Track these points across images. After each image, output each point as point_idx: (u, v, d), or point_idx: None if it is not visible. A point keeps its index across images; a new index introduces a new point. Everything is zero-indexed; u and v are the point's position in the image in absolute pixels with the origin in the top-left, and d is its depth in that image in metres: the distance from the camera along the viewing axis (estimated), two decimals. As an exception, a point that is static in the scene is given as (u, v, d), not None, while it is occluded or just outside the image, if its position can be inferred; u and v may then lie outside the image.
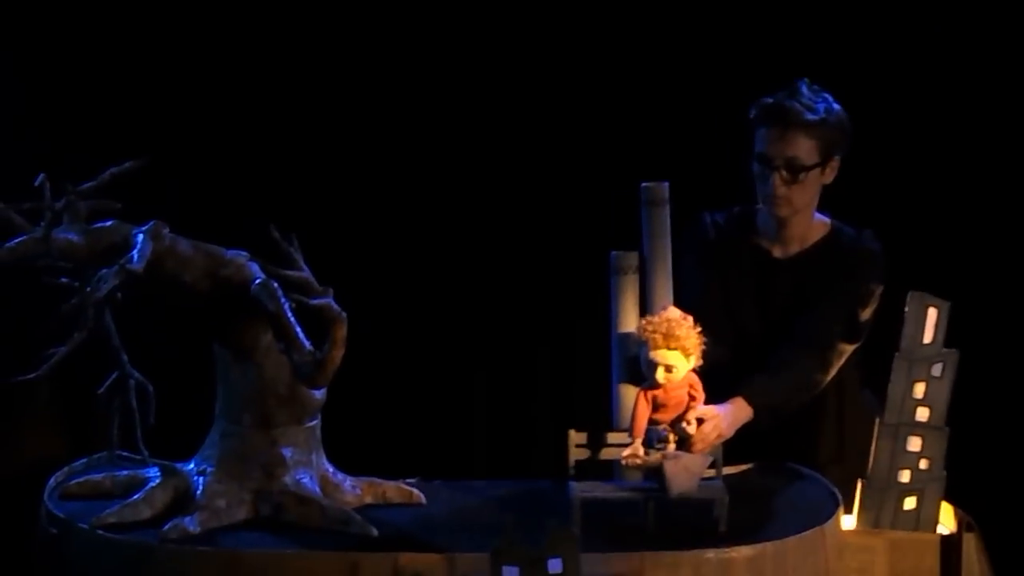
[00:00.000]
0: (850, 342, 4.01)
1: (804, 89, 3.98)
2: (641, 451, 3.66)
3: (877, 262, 4.04)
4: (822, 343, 3.98)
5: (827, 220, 4.09)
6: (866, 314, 4.02)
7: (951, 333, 3.81)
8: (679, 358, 3.67)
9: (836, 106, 3.99)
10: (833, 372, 4.01)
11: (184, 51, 5.04)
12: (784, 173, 3.96)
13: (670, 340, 3.67)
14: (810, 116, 3.94)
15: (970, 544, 3.77)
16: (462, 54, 5.10)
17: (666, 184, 3.84)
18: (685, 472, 3.61)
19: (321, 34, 5.08)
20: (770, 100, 3.98)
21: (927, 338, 3.79)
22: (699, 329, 3.70)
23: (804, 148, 3.95)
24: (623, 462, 3.65)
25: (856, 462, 3.93)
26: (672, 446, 3.68)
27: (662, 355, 3.67)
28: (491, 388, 5.26)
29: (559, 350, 5.13)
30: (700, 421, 3.72)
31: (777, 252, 4.07)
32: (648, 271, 3.86)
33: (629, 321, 3.82)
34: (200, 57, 5.05)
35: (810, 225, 4.06)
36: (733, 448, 3.85)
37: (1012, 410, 5.02)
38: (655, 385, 3.68)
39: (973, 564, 3.75)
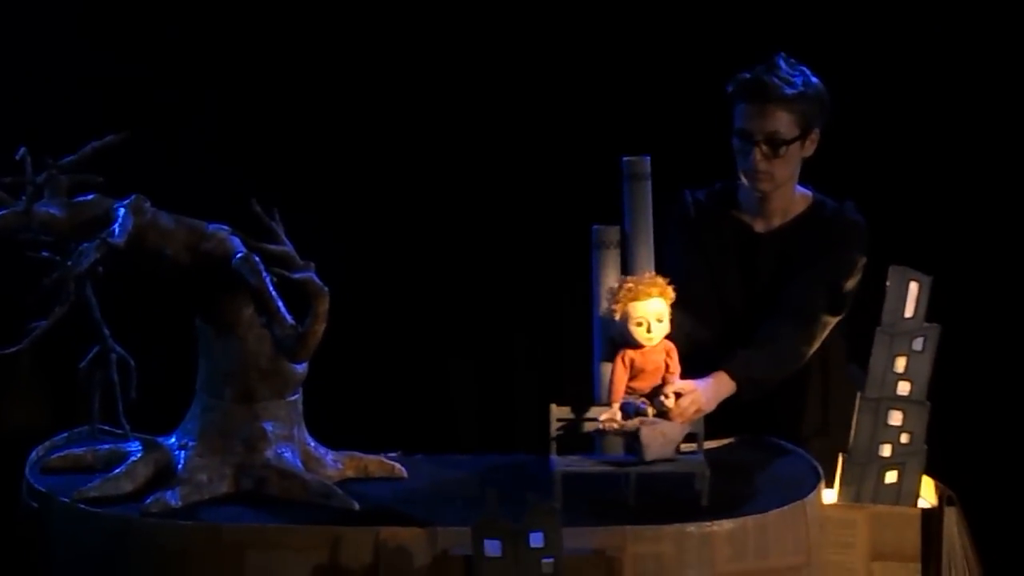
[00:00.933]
0: (833, 314, 4.02)
1: (782, 63, 3.99)
2: (619, 415, 3.68)
3: (859, 233, 4.05)
4: (805, 315, 3.99)
5: (808, 193, 4.10)
6: (849, 285, 4.03)
7: (932, 307, 3.81)
8: (658, 306, 3.67)
9: (814, 79, 4.00)
10: (817, 344, 4.01)
11: (167, 25, 5.04)
12: (765, 148, 3.97)
13: (647, 288, 3.68)
14: (789, 90, 3.96)
15: (951, 518, 3.77)
16: (443, 31, 5.11)
17: (647, 158, 3.84)
18: (662, 438, 3.62)
19: (298, 17, 5.07)
20: (748, 75, 3.99)
21: (908, 312, 3.79)
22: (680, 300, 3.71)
23: (784, 122, 3.96)
24: (600, 426, 3.66)
25: (841, 434, 3.94)
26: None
27: (641, 308, 3.68)
28: (474, 363, 5.28)
29: (541, 324, 5.15)
30: (678, 396, 3.72)
31: (759, 226, 4.09)
32: (629, 245, 3.86)
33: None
34: (182, 31, 5.04)
35: (791, 198, 4.07)
36: (717, 421, 3.86)
37: (993, 384, 5.06)
38: (636, 345, 3.68)
39: (954, 538, 3.75)
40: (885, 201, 4.84)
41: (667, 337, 3.73)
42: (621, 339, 3.72)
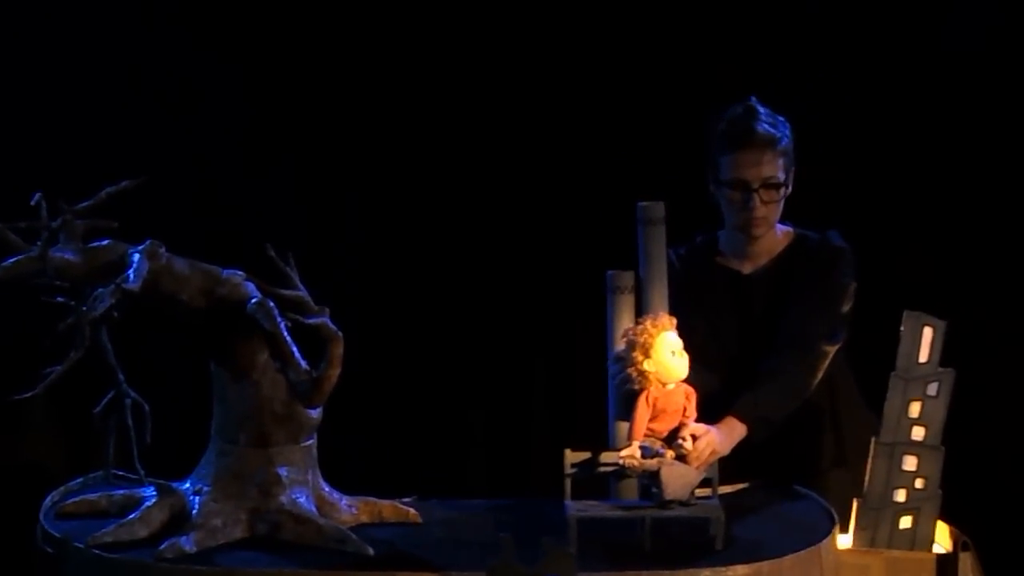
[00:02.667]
0: (831, 341, 4.03)
1: (760, 108, 4.04)
2: (639, 453, 3.66)
3: (846, 259, 4.08)
4: (804, 345, 4.01)
5: (789, 229, 4.15)
6: (843, 311, 4.06)
7: (947, 352, 3.79)
8: (674, 341, 3.67)
9: (781, 117, 4.07)
10: (819, 374, 4.02)
11: (178, 72, 5.05)
12: (763, 194, 4.01)
13: (667, 322, 3.68)
14: (777, 134, 4.02)
15: (966, 563, 3.76)
16: (462, 73, 5.12)
17: (662, 203, 3.85)
18: (681, 479, 3.61)
19: (305, 62, 5.09)
20: (738, 125, 4.04)
21: (923, 357, 3.78)
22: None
23: (777, 166, 4.02)
24: (620, 463, 3.64)
25: (859, 463, 3.93)
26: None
27: (672, 338, 3.68)
28: (489, 407, 5.26)
29: (557, 369, 5.13)
30: (694, 439, 3.70)
31: (747, 269, 4.12)
32: (644, 290, 3.87)
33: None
34: (194, 80, 5.05)
35: (775, 237, 4.12)
36: (734, 462, 3.86)
37: (1007, 429, 5.02)
38: (656, 379, 3.67)
39: None
40: (903, 247, 4.91)
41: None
42: (637, 382, 3.70)
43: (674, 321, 3.70)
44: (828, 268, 4.06)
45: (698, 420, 3.75)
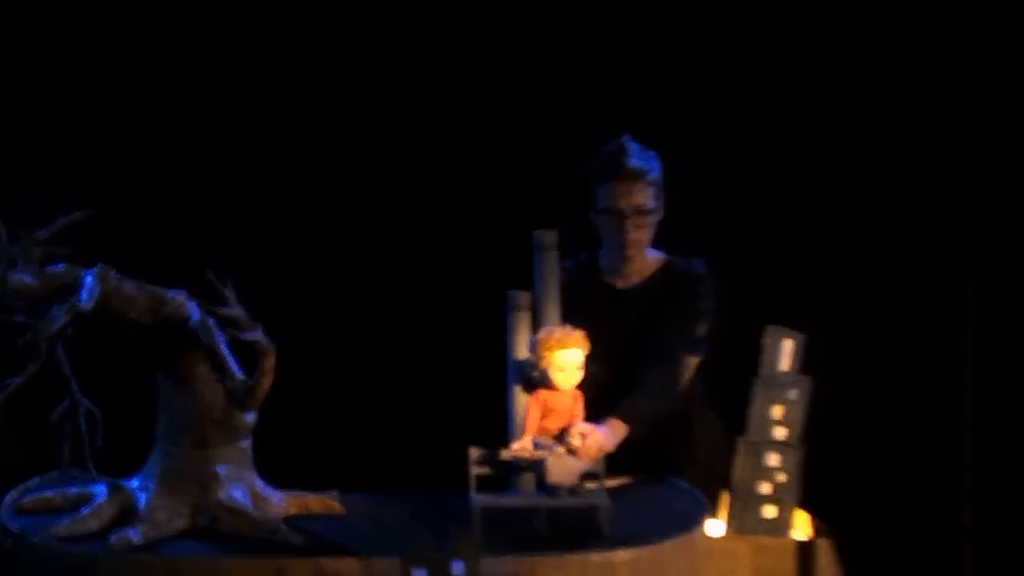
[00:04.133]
0: (694, 355, 4.19)
1: (632, 144, 4.20)
2: (529, 445, 3.76)
3: (707, 284, 4.24)
4: (669, 359, 4.15)
5: (660, 254, 4.31)
6: (703, 329, 4.19)
7: (808, 361, 3.90)
8: (573, 356, 3.78)
9: (652, 152, 4.23)
10: (684, 383, 4.17)
11: (114, 112, 5.08)
12: (635, 220, 4.19)
13: (571, 339, 3.80)
14: (646, 167, 4.19)
15: (823, 548, 3.87)
16: (386, 98, 5.16)
17: (555, 232, 3.96)
18: (564, 468, 3.71)
19: (245, 101, 5.14)
20: (612, 160, 4.18)
21: (784, 366, 3.91)
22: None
23: (647, 196, 4.19)
24: (512, 453, 3.74)
25: (706, 463, 4.11)
26: None
27: (564, 355, 3.79)
28: (407, 412, 5.30)
29: (466, 377, 5.13)
30: (583, 437, 3.79)
31: (620, 284, 4.30)
32: (540, 307, 3.96)
33: (523, 350, 3.91)
34: (129, 119, 5.09)
35: (647, 260, 4.29)
36: (616, 455, 3.96)
37: (861, 429, 5.09)
38: (549, 386, 3.80)
39: (826, 567, 3.86)
40: (769, 263, 5.03)
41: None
42: (539, 381, 3.82)
43: (578, 340, 3.79)
44: (691, 291, 4.22)
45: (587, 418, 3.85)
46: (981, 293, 5.00)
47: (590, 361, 3.88)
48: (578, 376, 3.82)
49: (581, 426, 3.83)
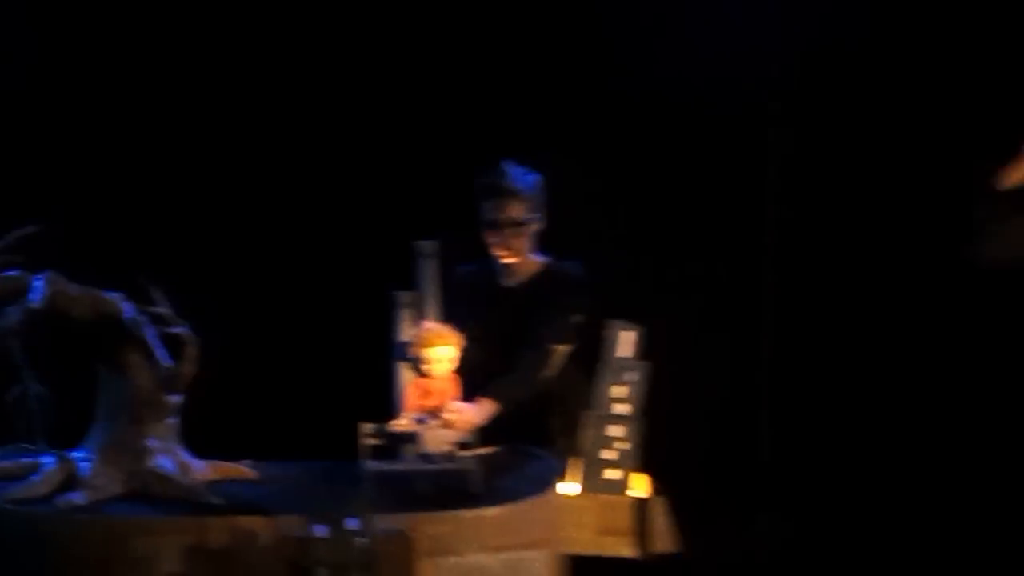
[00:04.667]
0: (563, 344, 4.48)
1: (509, 167, 4.52)
2: (405, 422, 3.99)
3: (580, 283, 4.53)
4: (539, 347, 4.45)
5: (542, 259, 4.60)
6: (570, 321, 4.47)
7: (649, 350, 4.21)
8: (444, 352, 4.04)
9: (531, 175, 4.53)
10: (554, 368, 4.43)
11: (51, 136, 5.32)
12: (510, 231, 4.52)
13: (435, 338, 4.10)
14: (520, 186, 4.50)
15: (657, 505, 4.16)
16: (274, 103, 5.40)
17: (435, 242, 4.27)
18: (437, 438, 3.96)
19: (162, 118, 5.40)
20: (489, 180, 4.50)
21: (625, 353, 4.25)
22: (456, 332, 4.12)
23: (519, 210, 4.50)
24: (392, 428, 3.94)
25: (577, 433, 4.32)
26: None
27: (429, 352, 4.08)
28: (309, 392, 5.52)
29: (360, 365, 4.92)
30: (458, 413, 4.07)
31: (506, 284, 4.62)
32: (421, 305, 4.30)
33: (406, 339, 4.21)
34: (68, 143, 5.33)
35: (529, 263, 4.60)
36: (489, 432, 4.18)
37: (695, 405, 5.38)
38: (426, 374, 4.09)
39: (659, 520, 4.16)
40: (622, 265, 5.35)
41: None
42: (417, 370, 4.11)
43: (445, 338, 4.04)
44: (562, 289, 4.55)
45: (466, 398, 4.17)
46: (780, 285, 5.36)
47: (477, 348, 4.18)
48: (449, 367, 4.11)
49: (455, 404, 4.14)
